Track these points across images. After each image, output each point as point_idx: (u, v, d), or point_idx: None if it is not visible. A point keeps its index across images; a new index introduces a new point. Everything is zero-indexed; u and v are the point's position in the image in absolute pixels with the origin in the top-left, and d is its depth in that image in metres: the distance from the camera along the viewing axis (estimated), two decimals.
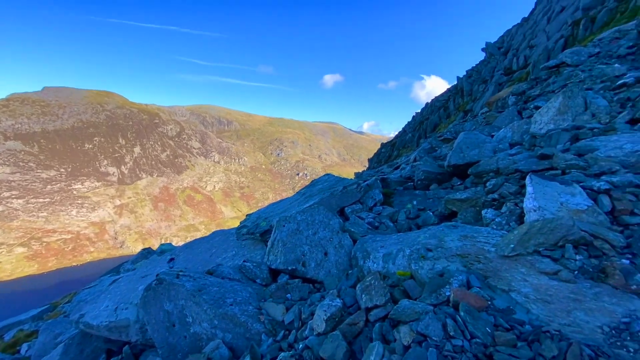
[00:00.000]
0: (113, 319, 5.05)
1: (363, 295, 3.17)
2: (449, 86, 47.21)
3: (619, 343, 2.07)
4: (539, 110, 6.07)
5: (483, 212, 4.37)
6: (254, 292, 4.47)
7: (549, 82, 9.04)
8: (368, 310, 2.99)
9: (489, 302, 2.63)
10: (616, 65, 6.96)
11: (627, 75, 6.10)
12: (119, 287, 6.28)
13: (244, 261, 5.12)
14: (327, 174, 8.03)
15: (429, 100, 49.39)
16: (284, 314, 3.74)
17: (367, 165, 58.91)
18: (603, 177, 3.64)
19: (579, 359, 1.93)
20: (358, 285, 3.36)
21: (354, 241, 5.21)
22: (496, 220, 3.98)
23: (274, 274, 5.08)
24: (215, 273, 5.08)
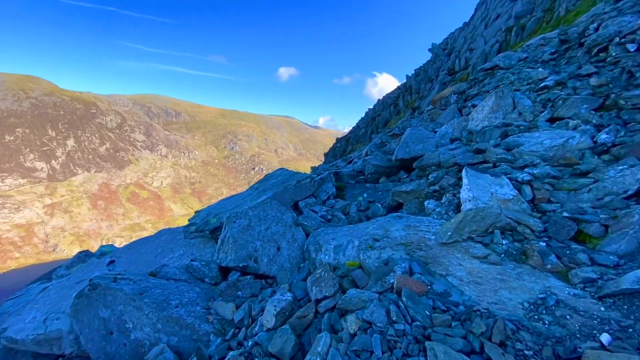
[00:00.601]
0: (42, 331, 4.52)
1: (313, 288, 3.20)
2: (399, 84, 49.31)
3: (536, 316, 2.34)
4: (476, 108, 6.60)
5: (426, 202, 4.65)
6: (202, 292, 4.28)
7: (485, 83, 9.87)
8: (318, 301, 3.03)
9: (429, 287, 2.81)
10: (540, 69, 7.81)
11: (549, 78, 6.88)
12: (49, 296, 5.64)
13: (192, 260, 4.88)
14: (281, 168, 7.95)
15: (381, 97, 51.15)
16: (233, 312, 3.64)
17: (324, 160, 59.40)
18: (526, 170, 4.08)
19: (503, 333, 2.14)
20: (309, 278, 3.39)
21: (307, 234, 5.24)
22: (437, 210, 4.26)
23: (225, 272, 4.93)
24: (159, 274, 4.78)
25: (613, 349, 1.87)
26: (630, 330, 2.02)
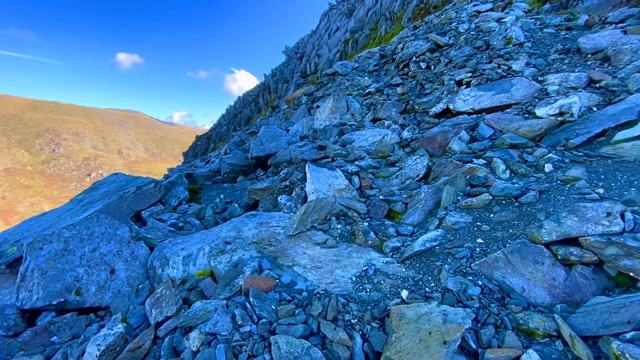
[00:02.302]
0: None
1: (153, 310, 2.80)
2: (258, 82, 49.86)
3: (361, 287, 2.75)
4: (319, 109, 7.33)
5: (279, 198, 4.83)
6: None
7: (328, 87, 11.10)
8: (158, 325, 2.66)
9: (277, 280, 2.90)
10: (366, 78, 9.37)
11: (371, 86, 8.33)
12: None
13: None
14: (116, 174, 6.66)
15: (241, 94, 50.47)
16: None
17: (183, 160, 54.62)
18: (356, 162, 4.79)
19: (336, 309, 2.42)
20: (147, 300, 2.95)
21: (152, 249, 4.58)
22: (287, 204, 4.48)
23: (34, 314, 3.76)
24: None
25: (409, 301, 2.40)
26: (420, 283, 2.64)
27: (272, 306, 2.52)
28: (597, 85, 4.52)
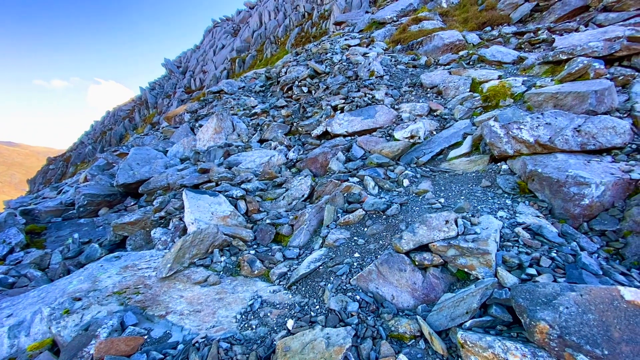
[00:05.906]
0: None
1: None
2: (133, 96, 44.13)
3: (246, 325, 2.56)
4: (201, 128, 6.86)
5: (152, 232, 4.20)
6: None
7: (213, 105, 10.60)
8: None
9: (146, 337, 2.44)
10: (252, 98, 9.34)
11: (258, 107, 8.34)
12: None
13: None
14: None
15: (112, 109, 43.68)
16: None
17: (29, 189, 43.62)
18: (242, 185, 4.60)
19: (217, 357, 2.17)
20: None
21: None
22: (163, 239, 3.93)
23: None
24: None
25: (295, 331, 2.34)
26: (306, 307, 2.64)
27: None
28: (435, 113, 5.65)
